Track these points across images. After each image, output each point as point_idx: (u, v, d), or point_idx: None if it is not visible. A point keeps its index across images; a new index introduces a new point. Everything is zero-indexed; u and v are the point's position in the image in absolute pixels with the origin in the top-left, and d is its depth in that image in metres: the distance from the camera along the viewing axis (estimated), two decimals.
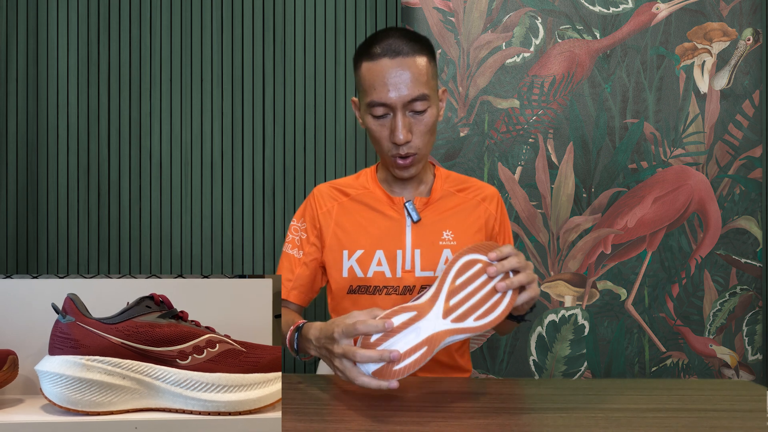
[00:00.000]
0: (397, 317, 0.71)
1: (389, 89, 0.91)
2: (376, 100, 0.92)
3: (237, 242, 1.68)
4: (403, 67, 0.91)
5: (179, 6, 1.67)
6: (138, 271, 1.68)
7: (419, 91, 0.91)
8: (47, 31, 1.67)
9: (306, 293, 1.07)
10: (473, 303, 0.73)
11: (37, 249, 1.68)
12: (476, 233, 1.03)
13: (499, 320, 0.74)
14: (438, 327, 0.72)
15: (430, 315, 0.72)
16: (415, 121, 0.94)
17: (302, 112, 1.67)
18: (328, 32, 1.67)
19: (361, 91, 0.97)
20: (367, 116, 0.96)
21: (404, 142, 0.93)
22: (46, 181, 1.68)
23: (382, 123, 0.94)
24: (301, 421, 0.67)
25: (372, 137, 0.97)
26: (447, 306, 0.73)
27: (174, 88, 1.68)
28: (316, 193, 1.08)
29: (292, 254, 1.07)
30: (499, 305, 0.74)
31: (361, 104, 0.98)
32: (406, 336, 0.71)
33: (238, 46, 1.67)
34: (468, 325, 0.72)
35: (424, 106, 0.93)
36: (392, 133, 0.93)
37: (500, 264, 0.74)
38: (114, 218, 1.68)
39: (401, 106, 0.92)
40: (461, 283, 0.73)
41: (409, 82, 0.91)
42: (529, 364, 1.67)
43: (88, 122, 1.68)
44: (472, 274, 0.74)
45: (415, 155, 0.96)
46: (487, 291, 0.74)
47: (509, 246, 0.76)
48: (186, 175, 1.68)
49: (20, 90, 1.68)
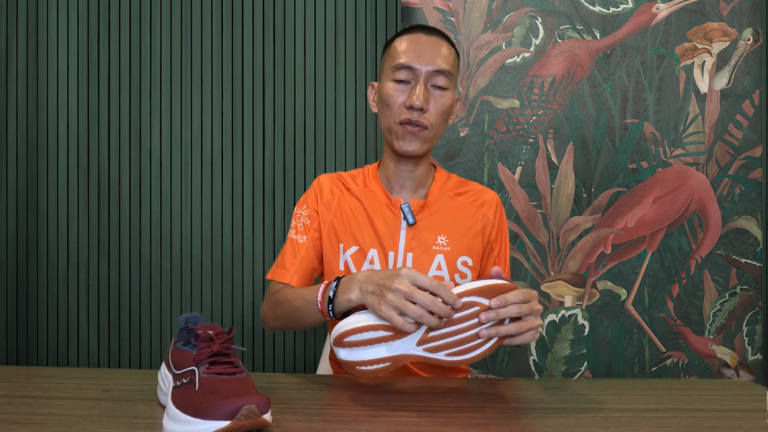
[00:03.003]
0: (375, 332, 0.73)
1: (419, 55, 0.96)
2: (405, 62, 0.96)
3: (237, 242, 1.68)
4: (436, 43, 0.97)
5: (179, 6, 1.67)
6: (138, 271, 1.68)
7: (446, 66, 0.96)
8: (47, 31, 1.67)
9: (306, 280, 1.05)
10: (451, 341, 0.73)
11: (37, 249, 1.68)
12: (472, 239, 1.03)
13: (473, 361, 0.74)
14: (408, 351, 0.73)
15: (406, 339, 0.73)
16: (434, 96, 0.97)
17: (302, 112, 1.67)
18: (328, 32, 1.67)
19: (388, 60, 1.00)
20: (387, 83, 0.98)
21: (420, 107, 0.94)
22: (46, 181, 1.68)
23: (401, 89, 0.97)
24: (301, 421, 0.67)
25: (385, 104, 0.98)
26: (425, 335, 0.72)
27: (174, 88, 1.68)
28: (319, 182, 1.08)
29: (296, 239, 1.05)
30: (477, 349, 0.74)
31: (384, 74, 1.00)
32: (377, 348, 0.73)
33: (238, 46, 1.67)
34: (438, 357, 0.74)
35: (446, 83, 0.97)
36: (410, 97, 0.95)
37: (496, 312, 0.71)
38: (114, 218, 1.68)
39: (425, 75, 0.95)
40: (449, 321, 0.72)
41: (439, 55, 0.96)
42: (529, 364, 1.67)
43: (88, 122, 1.68)
44: (464, 316, 0.72)
45: (426, 128, 0.97)
46: (470, 334, 0.73)
47: (519, 293, 0.73)
48: (186, 175, 1.68)
49: (20, 90, 1.68)
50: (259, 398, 0.59)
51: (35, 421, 0.66)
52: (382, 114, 1.00)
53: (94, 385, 0.81)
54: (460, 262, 1.01)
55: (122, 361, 1.68)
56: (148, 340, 1.68)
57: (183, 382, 0.64)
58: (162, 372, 0.71)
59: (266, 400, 0.59)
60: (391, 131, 0.99)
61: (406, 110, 0.96)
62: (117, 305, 1.68)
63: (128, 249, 1.68)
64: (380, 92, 1.00)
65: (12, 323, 1.68)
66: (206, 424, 0.57)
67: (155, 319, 1.68)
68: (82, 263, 1.68)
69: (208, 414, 0.57)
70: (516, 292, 0.73)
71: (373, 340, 0.72)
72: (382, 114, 1.00)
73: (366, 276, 0.79)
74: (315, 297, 0.87)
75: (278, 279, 1.04)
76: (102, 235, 1.68)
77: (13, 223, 1.68)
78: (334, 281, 0.84)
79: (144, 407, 0.71)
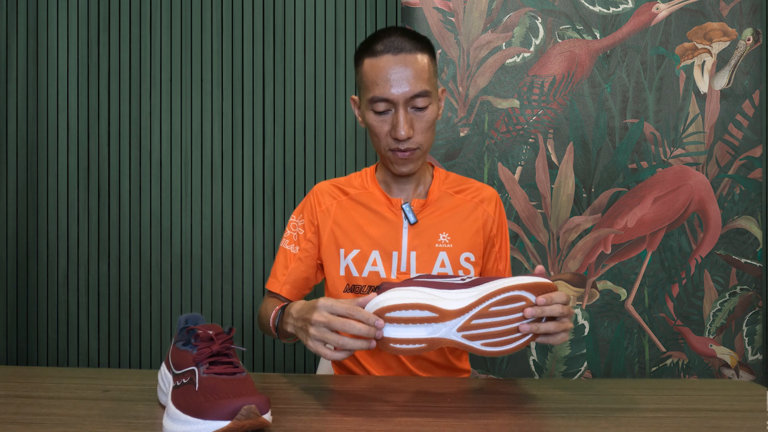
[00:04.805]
0: (421, 312, 0.71)
1: (392, 85, 0.91)
2: (379, 95, 0.92)
3: (237, 242, 1.68)
4: (405, 63, 0.92)
5: (179, 6, 1.67)
6: (138, 271, 1.68)
7: (421, 88, 0.92)
8: (47, 31, 1.67)
9: (299, 289, 1.07)
10: (491, 331, 0.73)
11: (37, 249, 1.68)
12: (473, 236, 1.03)
13: (505, 354, 0.74)
14: (448, 335, 0.72)
15: (449, 323, 0.72)
16: (417, 117, 0.95)
17: (302, 112, 1.67)
18: (328, 32, 1.67)
19: (362, 87, 0.97)
20: (368, 112, 0.96)
21: (406, 137, 0.93)
22: (46, 181, 1.68)
23: (384, 119, 0.95)
24: (300, 421, 0.67)
25: (372, 133, 0.97)
26: (468, 323, 0.72)
27: (174, 88, 1.68)
28: (316, 191, 1.08)
29: (288, 249, 1.07)
30: (513, 342, 0.74)
31: (362, 101, 0.98)
32: (418, 328, 0.71)
33: (238, 46, 1.67)
34: (474, 345, 0.73)
35: (425, 102, 0.94)
36: (394, 128, 0.93)
37: (541, 309, 0.72)
38: (114, 218, 1.68)
39: (403, 102, 0.92)
40: (494, 311, 0.72)
41: (411, 78, 0.92)
42: (529, 364, 1.67)
43: (88, 122, 1.68)
44: (510, 309, 0.73)
45: (416, 150, 0.96)
46: (511, 327, 0.73)
47: (562, 294, 0.74)
48: (186, 175, 1.68)
49: (20, 90, 1.68)
50: (259, 398, 0.59)
51: (35, 421, 0.66)
52: (371, 137, 0.99)
53: (94, 385, 0.81)
54: (463, 258, 1.01)
55: (122, 361, 1.68)
56: (148, 340, 1.68)
57: (183, 382, 0.64)
58: (162, 372, 0.71)
59: (266, 400, 0.59)
60: (383, 156, 0.99)
61: (392, 140, 0.95)
62: (117, 305, 1.68)
63: (128, 249, 1.68)
64: (363, 118, 0.99)
65: (12, 323, 1.68)
66: (206, 424, 0.57)
67: (155, 319, 1.68)
68: (82, 263, 1.68)
69: (208, 414, 0.57)
70: (560, 292, 0.74)
71: (416, 319, 0.71)
72: (371, 138, 0.99)
73: (296, 310, 0.80)
74: (271, 317, 0.92)
75: (269, 288, 1.07)
76: (102, 235, 1.68)
77: (13, 223, 1.68)
78: (280, 309, 0.89)
79: (144, 407, 0.71)
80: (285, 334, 0.87)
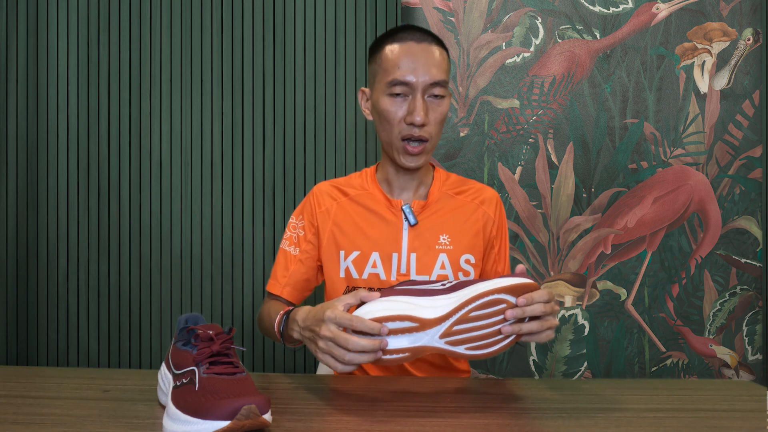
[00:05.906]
0: (402, 323, 0.71)
1: (414, 68, 0.93)
2: (400, 78, 0.93)
3: (237, 242, 1.68)
4: (428, 52, 0.94)
5: (179, 6, 1.67)
6: (138, 271, 1.68)
7: (441, 77, 0.95)
8: (47, 31, 1.67)
9: (299, 291, 1.06)
10: (474, 335, 0.73)
11: (37, 249, 1.68)
12: (474, 237, 1.03)
13: (489, 356, 0.75)
14: (431, 342, 0.73)
15: (430, 331, 0.72)
16: (432, 107, 0.96)
17: (302, 112, 1.67)
18: (328, 32, 1.67)
19: (380, 72, 0.97)
20: (383, 98, 0.96)
21: (421, 123, 0.93)
22: (46, 181, 1.68)
23: (399, 102, 0.95)
24: (300, 421, 0.67)
25: (384, 120, 0.97)
26: (449, 329, 0.72)
27: (174, 88, 1.68)
28: (316, 192, 1.08)
29: (289, 251, 1.07)
30: (496, 344, 0.74)
31: (377, 86, 0.98)
32: (400, 338, 0.72)
33: (238, 46, 1.67)
34: (458, 350, 0.73)
35: (443, 92, 0.96)
36: (410, 113, 0.94)
37: (522, 310, 0.72)
38: (114, 218, 1.68)
39: (422, 88, 0.94)
40: (474, 316, 0.72)
41: (432, 66, 0.94)
42: (529, 364, 1.67)
43: (88, 122, 1.68)
44: (490, 312, 0.73)
45: (426, 142, 0.96)
46: (493, 329, 0.73)
47: (544, 293, 0.74)
48: (186, 175, 1.68)
49: (20, 90, 1.68)
50: (259, 398, 0.59)
51: (35, 421, 0.66)
52: (380, 126, 0.99)
53: (94, 385, 0.81)
54: (463, 260, 1.01)
55: (122, 361, 1.68)
56: (148, 340, 1.68)
57: (183, 382, 0.64)
58: (162, 372, 0.71)
59: (266, 400, 0.59)
60: (392, 146, 0.98)
61: (406, 126, 0.95)
62: (117, 305, 1.68)
63: (128, 249, 1.68)
64: (376, 105, 0.98)
65: (12, 323, 1.68)
66: (206, 424, 0.57)
67: (155, 319, 1.68)
68: (82, 263, 1.68)
69: (208, 414, 0.57)
70: (541, 291, 0.74)
71: (397, 330, 0.71)
72: (381, 127, 0.99)
73: (302, 318, 0.80)
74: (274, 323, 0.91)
75: (270, 290, 1.07)
76: (102, 235, 1.68)
77: (13, 223, 1.68)
78: (285, 314, 0.88)
79: (144, 407, 0.71)
80: (290, 339, 0.87)
